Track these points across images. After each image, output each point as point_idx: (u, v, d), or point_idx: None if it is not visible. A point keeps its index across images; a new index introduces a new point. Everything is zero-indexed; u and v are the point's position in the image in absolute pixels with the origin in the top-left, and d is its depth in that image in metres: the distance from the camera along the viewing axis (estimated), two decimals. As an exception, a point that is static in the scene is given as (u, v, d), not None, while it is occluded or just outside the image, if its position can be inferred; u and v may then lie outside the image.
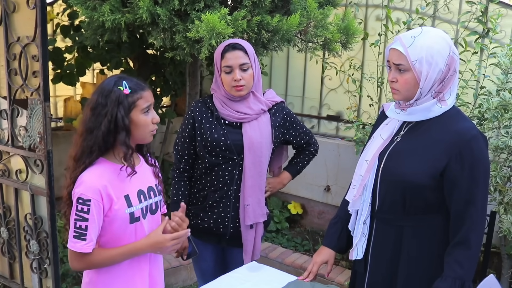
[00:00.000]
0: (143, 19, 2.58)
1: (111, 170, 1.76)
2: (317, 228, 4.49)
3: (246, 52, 2.21)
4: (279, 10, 2.85)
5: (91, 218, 1.69)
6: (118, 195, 1.75)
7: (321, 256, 2.02)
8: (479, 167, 1.67)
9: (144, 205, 1.84)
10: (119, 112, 1.69)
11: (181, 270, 3.64)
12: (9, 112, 2.86)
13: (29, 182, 2.87)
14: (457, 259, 1.68)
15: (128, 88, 1.72)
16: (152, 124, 1.78)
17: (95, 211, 1.70)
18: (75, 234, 1.71)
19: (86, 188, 1.70)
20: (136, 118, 1.74)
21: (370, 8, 4.15)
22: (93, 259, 1.75)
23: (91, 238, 1.71)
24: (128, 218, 1.77)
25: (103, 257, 1.76)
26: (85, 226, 1.69)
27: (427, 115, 1.74)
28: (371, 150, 1.86)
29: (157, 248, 1.79)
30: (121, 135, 1.71)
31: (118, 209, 1.75)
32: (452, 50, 1.70)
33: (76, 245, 1.71)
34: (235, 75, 2.19)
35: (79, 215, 1.70)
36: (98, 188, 1.70)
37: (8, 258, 3.16)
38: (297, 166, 2.58)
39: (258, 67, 2.28)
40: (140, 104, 1.73)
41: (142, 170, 1.88)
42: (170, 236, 1.78)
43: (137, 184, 1.83)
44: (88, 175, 1.72)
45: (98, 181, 1.71)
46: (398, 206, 1.77)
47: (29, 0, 2.58)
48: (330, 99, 4.51)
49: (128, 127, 1.72)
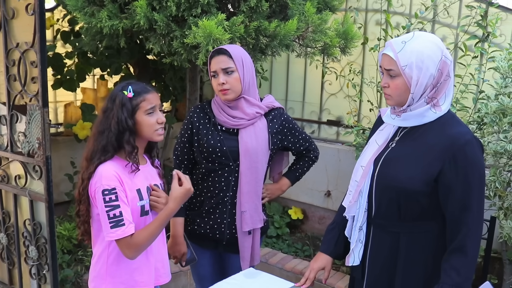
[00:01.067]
0: (140, 25, 2.59)
1: (123, 166, 1.90)
2: (318, 233, 4.47)
3: (231, 56, 2.20)
4: (276, 16, 2.85)
5: (121, 204, 1.82)
6: (130, 187, 1.89)
7: (318, 262, 2.01)
8: (473, 172, 1.65)
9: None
10: (122, 114, 1.85)
11: (181, 276, 3.62)
12: (8, 118, 2.86)
13: (28, 187, 2.87)
14: (454, 266, 1.66)
15: (132, 92, 1.88)
16: (157, 124, 1.91)
17: (122, 196, 1.83)
18: (112, 224, 1.81)
19: (106, 179, 1.82)
20: (140, 119, 1.89)
21: (370, 12, 4.15)
22: (137, 241, 1.84)
23: (128, 221, 1.82)
24: (139, 210, 1.91)
25: (144, 235, 1.85)
26: (119, 212, 1.81)
27: (421, 121, 1.73)
28: (367, 156, 1.86)
29: (184, 198, 1.92)
30: (125, 135, 1.86)
31: (131, 201, 1.88)
32: (444, 54, 1.68)
33: (117, 233, 1.80)
34: (218, 79, 2.21)
35: (109, 205, 1.81)
36: (115, 176, 1.84)
37: (7, 264, 3.16)
38: (297, 172, 2.57)
39: (249, 71, 2.25)
40: (143, 106, 1.88)
41: (149, 170, 2.04)
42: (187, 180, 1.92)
43: (144, 180, 1.97)
44: (103, 168, 1.85)
45: (114, 172, 1.85)
46: (393, 212, 1.76)
47: (28, 6, 2.59)
48: (330, 104, 4.51)
49: (131, 128, 1.87)
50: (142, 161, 2.01)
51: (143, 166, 1.99)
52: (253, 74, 2.29)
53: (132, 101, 1.87)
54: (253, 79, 2.30)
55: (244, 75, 2.23)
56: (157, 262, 2.05)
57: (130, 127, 1.86)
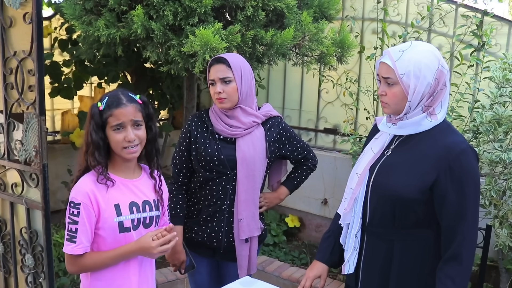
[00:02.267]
0: (137, 34, 2.60)
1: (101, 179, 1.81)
2: (315, 241, 4.47)
3: (230, 66, 2.21)
4: (273, 25, 2.87)
5: (80, 221, 1.75)
6: (107, 202, 1.79)
7: (314, 270, 2.01)
8: (468, 181, 1.66)
9: (136, 217, 1.86)
10: (91, 127, 1.79)
11: (177, 284, 3.62)
12: (5, 126, 2.86)
13: (25, 196, 2.86)
14: (449, 274, 1.67)
15: (103, 104, 1.78)
16: (125, 141, 1.77)
17: (85, 214, 1.75)
18: (67, 236, 1.77)
19: (76, 192, 1.77)
20: (108, 134, 1.80)
21: (366, 21, 4.18)
22: (84, 262, 1.79)
23: (81, 240, 1.76)
24: (117, 227, 1.81)
25: (95, 260, 1.80)
26: (75, 228, 1.75)
27: (417, 129, 1.74)
28: (362, 164, 1.87)
29: (145, 252, 1.81)
30: (89, 148, 1.79)
31: (108, 217, 1.79)
32: (441, 64, 1.70)
33: (67, 248, 1.77)
34: (216, 88, 2.22)
35: (70, 218, 1.76)
36: (87, 192, 1.76)
37: (3, 272, 3.15)
38: (295, 181, 2.57)
39: (247, 81, 2.26)
40: (110, 121, 1.77)
41: (141, 184, 1.92)
42: (157, 242, 1.79)
43: (130, 196, 1.86)
44: (81, 180, 1.80)
45: (87, 186, 1.78)
46: (388, 220, 1.76)
47: (26, 15, 2.60)
48: (327, 112, 4.53)
49: (96, 142, 1.78)
50: (135, 173, 1.91)
51: (133, 180, 1.89)
52: (251, 84, 2.30)
53: (102, 115, 1.78)
54: (251, 89, 2.30)
55: (241, 85, 2.23)
56: (141, 283, 1.94)
57: (95, 141, 1.77)
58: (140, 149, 1.84)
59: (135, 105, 1.80)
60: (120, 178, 1.86)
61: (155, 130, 1.90)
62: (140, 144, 1.82)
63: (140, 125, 1.81)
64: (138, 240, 1.82)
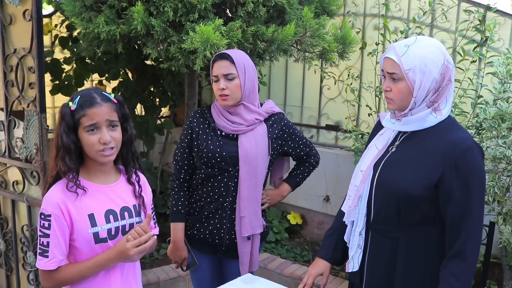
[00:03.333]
0: (138, 31, 2.59)
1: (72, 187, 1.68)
2: (317, 238, 4.46)
3: (234, 62, 2.20)
4: (274, 21, 2.85)
5: (52, 234, 1.63)
6: (80, 212, 1.68)
7: (316, 268, 2.00)
8: (474, 178, 1.64)
9: (113, 226, 1.73)
10: (61, 129, 1.64)
11: (179, 282, 3.61)
12: (6, 124, 2.86)
13: (26, 193, 2.87)
14: (453, 271, 1.65)
15: (75, 104, 1.64)
16: (100, 144, 1.65)
17: (57, 226, 1.64)
18: (39, 251, 1.65)
19: (46, 203, 1.66)
20: (81, 136, 1.66)
21: (368, 17, 4.15)
22: (60, 276, 1.68)
23: (53, 254, 1.64)
24: (92, 238, 1.69)
25: (71, 273, 1.68)
26: (46, 242, 1.64)
27: (422, 125, 1.72)
28: (366, 160, 1.85)
29: (122, 256, 1.67)
30: (59, 152, 1.66)
31: (81, 228, 1.67)
32: (447, 59, 1.68)
33: (40, 263, 1.65)
34: (219, 84, 2.20)
35: (41, 231, 1.65)
36: (57, 202, 1.65)
37: (5, 270, 3.15)
38: (297, 178, 2.56)
39: (250, 78, 2.25)
40: (83, 122, 1.64)
41: (119, 188, 1.79)
42: (131, 243, 1.65)
43: (106, 203, 1.74)
44: (50, 190, 1.69)
45: (58, 196, 1.66)
46: (392, 217, 1.75)
47: (25, 12, 2.59)
48: (329, 109, 4.51)
49: (66, 145, 1.64)
50: (111, 178, 1.79)
51: (110, 185, 1.77)
52: (254, 81, 2.28)
53: (74, 115, 1.63)
54: (254, 86, 2.29)
55: (245, 82, 2.22)
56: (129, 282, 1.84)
57: (66, 145, 1.63)
58: (116, 152, 1.71)
59: (110, 104, 1.68)
60: (95, 184, 1.74)
61: (131, 132, 1.76)
62: (116, 147, 1.70)
63: (115, 125, 1.68)
64: (114, 246, 1.70)
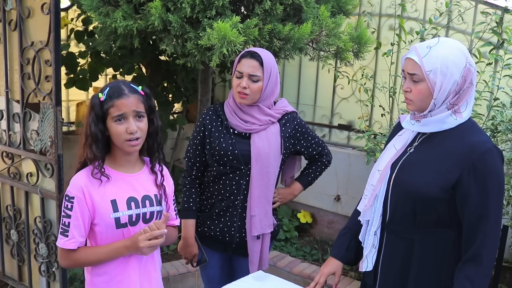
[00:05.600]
0: (155, 26, 2.60)
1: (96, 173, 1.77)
2: (327, 237, 4.46)
3: (262, 64, 2.18)
4: (291, 19, 2.85)
5: (73, 215, 1.72)
6: (103, 198, 1.75)
7: (328, 267, 1.99)
8: (492, 181, 1.62)
9: (134, 212, 1.80)
10: (89, 118, 1.73)
11: (188, 277, 3.63)
12: (22, 116, 2.88)
13: (40, 185, 2.89)
14: (468, 275, 1.63)
15: (105, 95, 1.72)
16: (126, 133, 1.72)
17: (78, 208, 1.72)
18: (60, 230, 1.76)
19: (71, 185, 1.75)
20: (109, 126, 1.73)
21: (383, 17, 4.14)
22: (77, 257, 1.77)
23: (73, 235, 1.73)
24: (114, 223, 1.76)
25: (88, 255, 1.78)
26: (67, 222, 1.73)
27: (441, 127, 1.71)
28: (384, 160, 1.84)
29: (134, 247, 1.73)
30: (87, 140, 1.73)
31: (103, 213, 1.75)
32: (469, 61, 1.67)
33: (60, 241, 1.75)
34: (242, 82, 2.19)
35: (64, 212, 1.74)
36: (81, 186, 1.73)
37: (17, 260, 3.18)
38: (309, 177, 2.55)
39: (273, 82, 2.23)
40: (111, 112, 1.71)
41: (141, 178, 1.86)
42: (144, 236, 1.71)
43: (128, 191, 1.81)
44: (77, 174, 1.78)
45: (83, 180, 1.74)
46: (408, 218, 1.74)
47: (44, 6, 2.61)
48: (342, 108, 4.50)
49: (94, 134, 1.71)
50: (135, 167, 1.86)
51: (134, 174, 1.84)
52: (274, 86, 2.26)
53: (103, 106, 1.71)
54: (273, 90, 2.27)
55: (267, 86, 2.21)
56: (142, 280, 1.89)
57: (94, 134, 1.71)
58: (142, 142, 1.78)
59: (138, 96, 1.75)
60: (119, 172, 1.81)
61: (157, 123, 1.83)
62: (141, 138, 1.76)
63: (142, 116, 1.75)
64: (131, 236, 1.77)
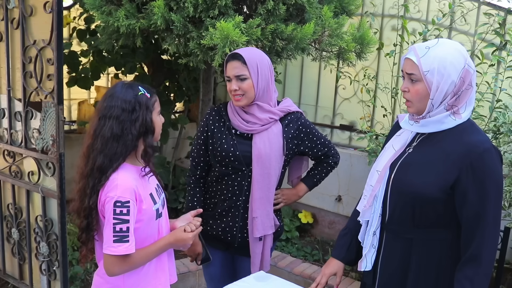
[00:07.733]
0: (157, 25, 2.60)
1: (135, 171, 1.82)
2: (328, 238, 4.46)
3: (245, 62, 2.16)
4: (293, 19, 2.84)
5: (131, 219, 1.72)
6: (145, 194, 1.81)
7: (329, 267, 2.00)
8: (490, 181, 1.62)
9: (159, 201, 1.92)
10: (147, 116, 1.78)
11: (189, 277, 3.62)
12: (23, 114, 2.89)
13: (41, 184, 2.89)
14: (468, 275, 1.64)
15: (146, 92, 1.81)
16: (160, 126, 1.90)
17: (132, 212, 1.73)
18: (115, 238, 1.69)
19: (122, 190, 1.71)
20: (155, 119, 1.83)
21: (386, 18, 4.13)
22: (134, 260, 1.77)
23: (132, 238, 1.73)
24: (155, 214, 1.85)
25: (141, 256, 1.79)
26: (126, 228, 1.70)
27: (440, 127, 1.71)
28: (383, 161, 1.84)
29: (182, 243, 1.88)
30: (149, 137, 1.81)
31: (147, 208, 1.81)
32: (468, 63, 1.67)
33: (119, 249, 1.70)
34: (231, 85, 2.19)
35: (118, 219, 1.69)
36: (133, 189, 1.74)
37: (18, 259, 3.18)
38: (314, 178, 2.52)
39: (264, 77, 2.20)
40: (156, 106, 1.84)
41: None
42: (193, 234, 1.88)
43: (153, 182, 1.92)
44: (121, 178, 1.74)
45: (131, 183, 1.75)
46: (407, 218, 1.74)
47: (46, 4, 2.61)
48: (344, 109, 4.49)
49: (149, 125, 1.79)
50: None
51: None
52: (269, 80, 2.24)
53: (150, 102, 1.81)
54: (269, 85, 2.25)
55: (258, 81, 2.19)
56: (169, 262, 2.02)
57: (153, 129, 1.82)
58: None
59: None
60: (138, 167, 1.86)
61: None
62: None
63: None
64: (172, 233, 1.89)
